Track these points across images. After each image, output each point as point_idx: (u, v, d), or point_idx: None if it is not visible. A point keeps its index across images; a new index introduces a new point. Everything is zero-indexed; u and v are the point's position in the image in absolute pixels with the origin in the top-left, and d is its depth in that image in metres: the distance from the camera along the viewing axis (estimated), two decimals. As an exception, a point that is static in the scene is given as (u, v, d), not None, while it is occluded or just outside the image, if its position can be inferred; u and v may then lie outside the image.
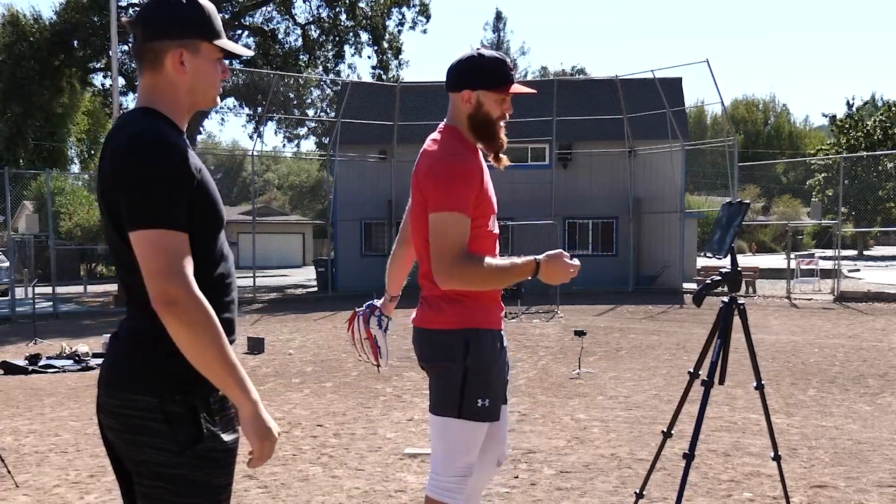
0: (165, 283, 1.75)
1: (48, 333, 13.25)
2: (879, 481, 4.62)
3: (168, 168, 1.82)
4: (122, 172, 1.82)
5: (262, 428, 1.89)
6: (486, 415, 2.66)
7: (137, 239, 1.79)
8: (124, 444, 1.89)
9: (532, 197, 22.86)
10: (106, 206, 1.89)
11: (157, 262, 1.76)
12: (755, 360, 3.72)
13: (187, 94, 1.97)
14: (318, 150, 38.28)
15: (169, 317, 1.76)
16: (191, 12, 1.95)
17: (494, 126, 2.67)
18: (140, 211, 1.79)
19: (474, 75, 2.63)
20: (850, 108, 51.94)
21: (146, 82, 1.96)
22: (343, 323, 14.53)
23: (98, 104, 37.99)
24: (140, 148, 1.82)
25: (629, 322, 14.44)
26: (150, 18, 1.94)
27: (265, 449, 1.91)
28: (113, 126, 1.99)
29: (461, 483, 2.71)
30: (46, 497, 4.53)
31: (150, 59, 1.94)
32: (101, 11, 26.72)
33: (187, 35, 1.94)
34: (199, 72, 1.96)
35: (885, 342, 11.23)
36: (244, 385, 1.84)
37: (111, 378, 1.91)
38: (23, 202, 32.62)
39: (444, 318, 2.65)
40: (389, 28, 30.61)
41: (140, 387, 1.85)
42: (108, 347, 2.02)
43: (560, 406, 6.90)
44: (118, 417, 1.88)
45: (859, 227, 43.25)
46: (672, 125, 21.58)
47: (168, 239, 1.78)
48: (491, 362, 2.68)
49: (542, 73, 62.94)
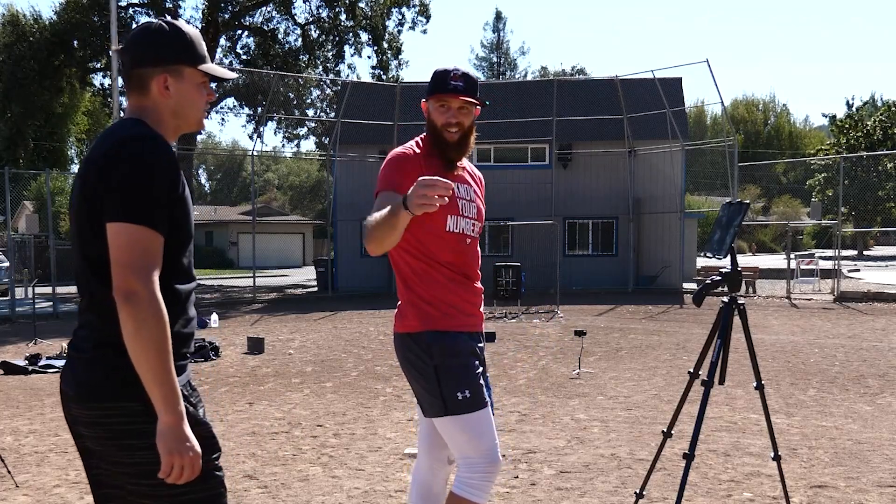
0: (131, 276, 1.81)
1: (48, 333, 13.24)
2: (879, 481, 4.62)
3: (160, 171, 1.89)
4: (115, 168, 1.87)
5: (177, 443, 1.84)
6: (472, 405, 2.72)
7: (116, 231, 1.84)
8: (112, 451, 1.91)
9: (532, 197, 22.86)
10: (86, 202, 1.91)
11: (130, 256, 1.82)
12: (755, 360, 3.72)
13: (172, 116, 2.06)
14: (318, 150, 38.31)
15: (126, 308, 1.80)
16: (173, 39, 2.04)
17: (440, 133, 2.80)
18: (125, 205, 1.84)
19: (428, 86, 2.83)
20: (850, 108, 51.98)
21: (133, 103, 2.04)
22: (342, 323, 14.53)
23: (98, 104, 38.01)
24: (137, 147, 1.89)
25: (629, 322, 14.44)
26: (135, 46, 2.03)
27: (175, 464, 1.84)
28: (104, 132, 2.04)
29: (486, 479, 2.76)
30: (46, 497, 4.53)
31: (136, 84, 2.02)
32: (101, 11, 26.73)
33: (170, 61, 2.03)
34: (183, 96, 2.05)
35: (885, 342, 11.23)
36: (172, 395, 1.84)
37: (84, 392, 1.93)
38: (23, 202, 32.65)
39: (408, 323, 2.77)
40: (389, 28, 30.62)
41: (118, 394, 1.89)
42: (69, 361, 2.01)
43: (560, 406, 6.90)
44: (100, 427, 1.91)
45: (859, 227, 43.28)
46: (672, 125, 21.58)
47: (145, 236, 1.84)
48: (458, 357, 2.75)
49: (542, 73, 62.99)
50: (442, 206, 2.66)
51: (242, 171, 64.18)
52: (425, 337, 2.73)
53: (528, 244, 22.02)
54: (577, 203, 23.13)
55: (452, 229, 2.76)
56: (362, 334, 12.75)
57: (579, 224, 23.51)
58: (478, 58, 62.59)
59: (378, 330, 13.19)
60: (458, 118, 2.78)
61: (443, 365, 2.71)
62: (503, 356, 10.00)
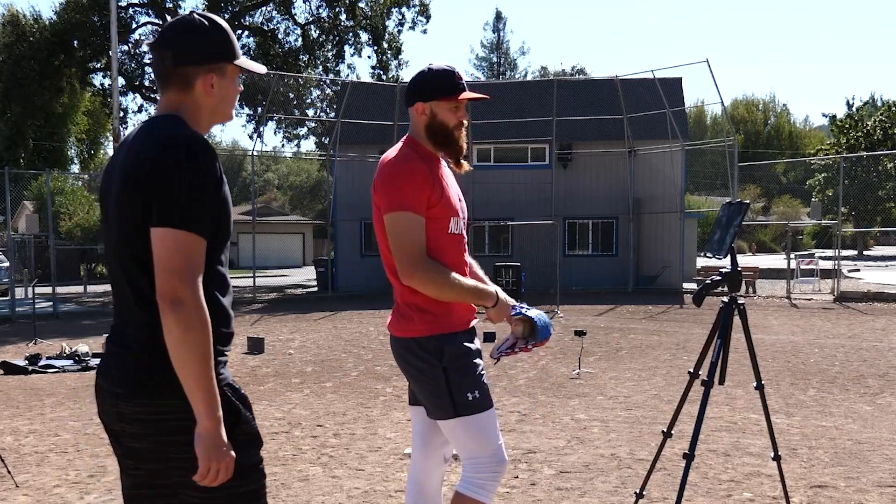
0: (178, 283, 1.81)
1: (48, 333, 13.25)
2: (879, 481, 4.62)
3: (208, 176, 1.88)
4: (163, 172, 1.85)
5: (216, 448, 1.87)
6: (481, 405, 2.74)
7: (162, 236, 1.83)
8: (163, 447, 1.91)
9: (532, 197, 22.86)
10: (132, 203, 1.89)
11: (177, 262, 1.82)
12: (755, 360, 3.72)
13: (210, 113, 2.04)
14: (318, 150, 38.29)
15: (170, 314, 1.80)
16: (219, 36, 2.01)
17: (451, 133, 2.80)
18: (173, 211, 1.84)
19: (424, 88, 2.80)
20: (850, 108, 51.95)
21: (171, 99, 2.00)
22: (342, 323, 14.54)
23: (98, 104, 38.01)
24: (185, 151, 1.87)
25: (629, 322, 14.44)
26: (179, 43, 1.98)
27: (212, 468, 1.86)
28: (146, 130, 1.99)
29: (493, 479, 2.77)
30: (46, 497, 4.53)
31: (178, 81, 1.98)
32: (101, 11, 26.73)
33: (217, 59, 2.00)
34: (224, 93, 2.04)
35: (885, 342, 11.22)
36: (213, 401, 1.86)
37: (139, 389, 1.91)
38: (23, 202, 32.61)
39: (415, 327, 2.75)
40: (389, 28, 30.64)
41: (171, 392, 1.88)
42: (115, 359, 1.99)
43: (560, 406, 6.90)
44: (153, 424, 1.90)
45: (859, 227, 43.28)
46: (672, 125, 21.58)
47: (191, 242, 1.84)
48: (467, 357, 2.77)
49: (542, 73, 62.97)
50: (447, 209, 2.75)
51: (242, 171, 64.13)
52: (434, 340, 2.72)
53: (528, 244, 22.02)
54: (577, 203, 23.13)
55: (454, 231, 2.79)
56: (362, 334, 12.75)
57: (579, 224, 23.51)
58: (478, 58, 62.60)
59: (378, 330, 13.19)
60: (465, 117, 2.84)
61: (452, 366, 2.71)
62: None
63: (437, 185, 2.72)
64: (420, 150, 2.79)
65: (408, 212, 2.64)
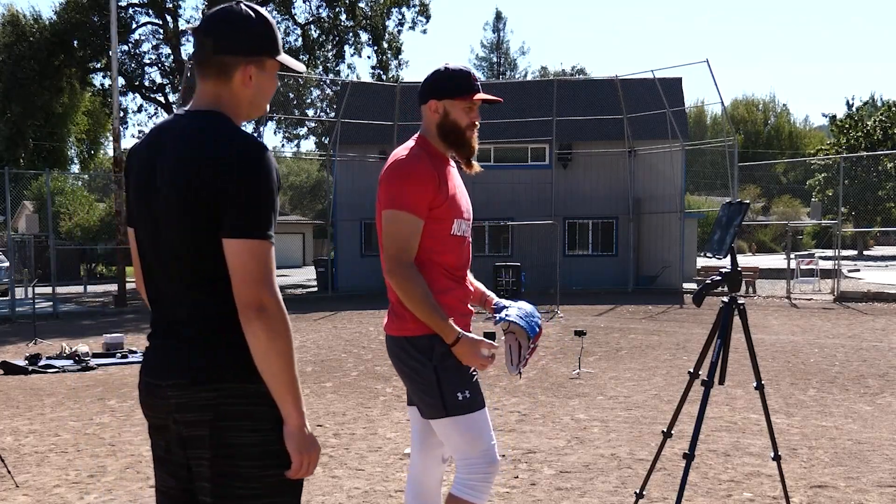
0: (260, 291, 1.84)
1: (48, 333, 13.25)
2: (879, 481, 4.62)
3: (275, 183, 1.90)
4: (236, 179, 1.85)
5: (306, 443, 1.95)
6: (471, 405, 2.74)
7: (239, 247, 1.85)
8: (217, 434, 1.90)
9: (532, 197, 22.86)
10: (185, 205, 1.88)
11: (257, 271, 1.85)
12: (755, 360, 3.72)
13: (248, 106, 2.03)
14: (318, 150, 38.30)
15: (256, 323, 1.83)
16: (262, 29, 1.99)
17: (463, 133, 2.79)
18: (248, 221, 1.85)
19: (439, 86, 2.78)
20: (850, 108, 51.95)
21: (210, 90, 1.99)
22: (342, 323, 14.54)
23: (98, 104, 38.01)
24: (254, 160, 1.87)
25: (629, 322, 14.44)
26: (221, 31, 1.96)
27: (304, 461, 1.96)
28: (189, 124, 1.96)
29: (485, 480, 2.77)
30: (46, 497, 4.53)
31: (216, 70, 1.97)
32: (101, 11, 26.74)
33: (258, 52, 1.99)
34: (262, 86, 2.03)
35: (885, 342, 11.23)
36: (299, 401, 1.91)
37: (203, 375, 1.90)
38: (23, 202, 32.62)
39: (408, 326, 2.74)
40: (389, 28, 30.66)
41: (241, 375, 1.89)
42: (167, 351, 1.97)
43: (560, 406, 6.90)
44: (213, 409, 1.89)
45: (859, 227, 43.28)
46: (672, 125, 21.58)
47: (266, 250, 1.88)
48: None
49: (542, 73, 62.96)
50: (451, 211, 2.74)
51: (242, 171, 64.37)
52: (426, 339, 2.72)
53: (528, 244, 22.01)
54: (577, 203, 23.13)
55: (456, 233, 2.78)
56: (362, 334, 12.76)
57: (579, 224, 23.51)
58: (478, 58, 62.55)
59: (378, 330, 13.19)
60: (477, 118, 2.83)
61: (442, 366, 2.71)
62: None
63: (443, 185, 2.71)
64: (430, 150, 2.77)
65: (406, 212, 2.63)
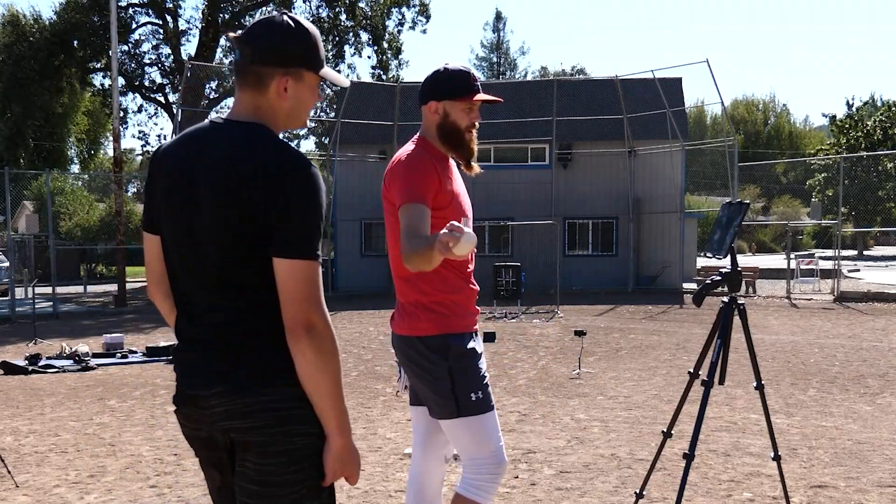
0: (310, 311, 1.84)
1: (48, 333, 13.25)
2: (879, 481, 4.62)
3: (323, 204, 1.90)
4: (286, 198, 1.84)
5: (347, 462, 1.96)
6: (483, 406, 2.74)
7: (290, 267, 1.84)
8: (267, 439, 1.89)
9: (532, 197, 22.85)
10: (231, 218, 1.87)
11: (307, 291, 1.84)
12: (755, 360, 3.72)
13: (286, 117, 2.01)
14: (317, 150, 38.29)
15: (305, 341, 1.83)
16: (301, 42, 1.96)
17: (462, 134, 2.79)
18: (300, 241, 1.85)
19: (439, 87, 2.78)
20: (850, 108, 51.95)
21: (248, 100, 1.97)
22: (342, 323, 14.53)
23: (98, 104, 38.01)
24: (305, 177, 1.87)
25: (629, 322, 14.44)
26: (259, 41, 1.94)
27: (340, 474, 1.97)
28: (232, 135, 1.94)
29: (493, 481, 2.78)
30: (46, 497, 4.53)
31: (253, 80, 1.95)
32: (101, 11, 26.73)
33: (294, 64, 1.96)
34: (299, 99, 2.00)
35: (885, 342, 11.23)
36: (344, 419, 1.93)
37: (250, 379, 1.89)
38: (23, 202, 32.60)
39: (422, 326, 2.75)
40: (389, 28, 30.63)
41: (287, 379, 1.89)
42: (205, 360, 1.95)
43: (560, 406, 6.90)
44: (263, 414, 1.89)
45: (859, 227, 43.26)
46: (672, 125, 21.58)
47: (316, 270, 1.88)
48: (472, 358, 2.78)
49: (542, 73, 62.94)
50: (456, 211, 2.75)
51: (242, 171, 64.42)
52: (441, 339, 2.73)
53: (528, 244, 22.01)
54: (577, 203, 23.12)
55: None
56: (362, 334, 12.75)
57: (579, 224, 23.50)
58: (478, 58, 62.53)
59: (378, 330, 13.19)
60: (478, 119, 2.83)
61: (457, 367, 2.72)
62: (503, 356, 10.00)
63: (445, 184, 2.72)
64: (430, 150, 2.78)
65: (414, 203, 2.63)
